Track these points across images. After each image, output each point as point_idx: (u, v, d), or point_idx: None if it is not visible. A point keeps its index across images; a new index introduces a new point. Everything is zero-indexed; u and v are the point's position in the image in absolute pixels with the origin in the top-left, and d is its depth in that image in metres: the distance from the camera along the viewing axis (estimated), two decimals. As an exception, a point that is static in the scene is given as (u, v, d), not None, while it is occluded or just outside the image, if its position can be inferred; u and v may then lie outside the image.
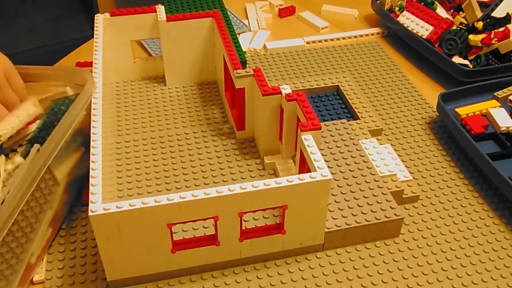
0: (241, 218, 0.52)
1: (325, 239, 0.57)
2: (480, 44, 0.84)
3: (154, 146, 0.72)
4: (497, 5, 0.89)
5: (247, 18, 1.04)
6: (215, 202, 0.49)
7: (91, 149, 0.54)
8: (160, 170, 0.68)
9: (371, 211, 0.58)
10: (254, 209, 0.51)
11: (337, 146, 0.67)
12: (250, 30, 1.00)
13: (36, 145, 0.57)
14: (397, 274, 0.56)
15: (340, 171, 0.63)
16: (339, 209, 0.59)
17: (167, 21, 0.77)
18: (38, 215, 0.54)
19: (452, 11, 0.96)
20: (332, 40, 0.97)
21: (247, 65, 0.75)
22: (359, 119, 0.74)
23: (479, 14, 0.90)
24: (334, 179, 0.62)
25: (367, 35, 0.99)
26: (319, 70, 0.89)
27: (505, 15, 0.86)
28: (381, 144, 0.69)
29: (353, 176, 0.63)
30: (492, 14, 0.88)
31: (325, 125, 0.70)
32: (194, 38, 0.80)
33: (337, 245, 0.58)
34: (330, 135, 0.68)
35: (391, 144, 0.71)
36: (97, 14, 0.78)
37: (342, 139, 0.68)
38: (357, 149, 0.66)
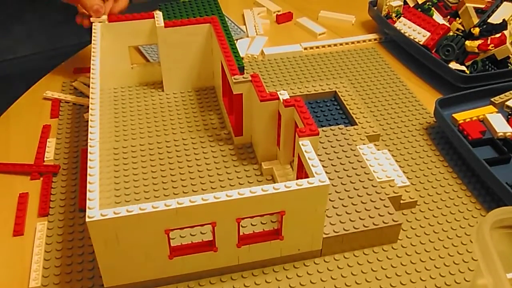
0: (239, 224, 0.52)
1: (323, 245, 0.57)
2: (476, 50, 0.85)
3: (151, 152, 0.72)
4: (493, 11, 0.90)
5: (244, 24, 1.04)
6: (213, 208, 0.49)
7: (88, 155, 0.54)
8: (157, 176, 0.68)
9: (369, 216, 0.58)
10: (252, 215, 0.51)
11: (334, 152, 0.67)
12: (247, 36, 1.00)
13: None
14: (395, 280, 0.56)
15: (338, 177, 0.63)
16: (337, 214, 0.59)
17: (165, 27, 0.77)
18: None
19: (448, 17, 0.96)
20: (329, 46, 0.97)
21: (245, 71, 0.75)
22: (357, 124, 0.74)
23: (476, 20, 0.90)
24: (332, 185, 0.62)
25: (364, 41, 0.99)
26: (317, 76, 0.89)
27: (501, 21, 0.87)
28: (378, 149, 0.70)
29: (351, 182, 0.63)
30: (489, 20, 0.89)
31: (322, 130, 0.70)
32: (192, 44, 0.80)
33: (335, 251, 0.58)
34: (328, 141, 0.68)
35: (389, 150, 0.71)
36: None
37: (339, 145, 0.68)
38: (354, 155, 0.66)
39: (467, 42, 0.86)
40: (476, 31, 0.87)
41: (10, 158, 0.71)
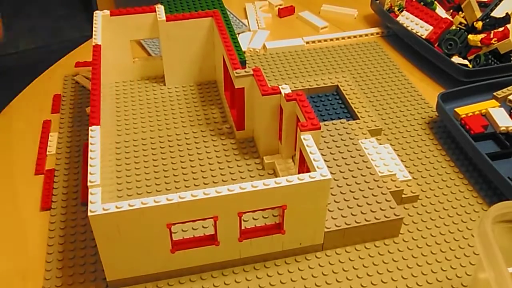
0: (241, 218, 0.52)
1: (324, 239, 0.57)
2: (479, 44, 0.84)
3: (153, 146, 0.72)
4: (496, 5, 0.89)
5: (246, 18, 1.04)
6: (215, 202, 0.49)
7: (90, 148, 0.54)
8: (159, 170, 0.68)
9: (371, 211, 0.58)
10: (253, 209, 0.51)
11: (336, 146, 0.67)
12: (249, 30, 1.00)
13: None
14: (397, 274, 0.56)
15: (340, 171, 0.63)
16: (338, 209, 0.59)
17: (167, 21, 0.77)
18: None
19: (451, 11, 0.96)
20: (331, 40, 0.97)
21: (247, 65, 0.75)
22: (359, 119, 0.74)
23: (479, 14, 0.90)
24: (334, 179, 0.62)
25: (366, 35, 0.99)
26: (319, 70, 0.89)
27: (504, 15, 0.86)
28: (380, 144, 0.69)
29: (352, 176, 0.63)
30: (492, 14, 0.88)
31: (324, 125, 0.70)
32: (193, 38, 0.79)
33: (336, 245, 0.58)
34: (330, 135, 0.68)
35: (391, 144, 0.71)
36: (96, 12, 0.78)
37: (341, 139, 0.68)
38: (356, 149, 0.66)
39: (470, 36, 0.85)
40: (479, 25, 0.87)
41: (12, 152, 0.71)
